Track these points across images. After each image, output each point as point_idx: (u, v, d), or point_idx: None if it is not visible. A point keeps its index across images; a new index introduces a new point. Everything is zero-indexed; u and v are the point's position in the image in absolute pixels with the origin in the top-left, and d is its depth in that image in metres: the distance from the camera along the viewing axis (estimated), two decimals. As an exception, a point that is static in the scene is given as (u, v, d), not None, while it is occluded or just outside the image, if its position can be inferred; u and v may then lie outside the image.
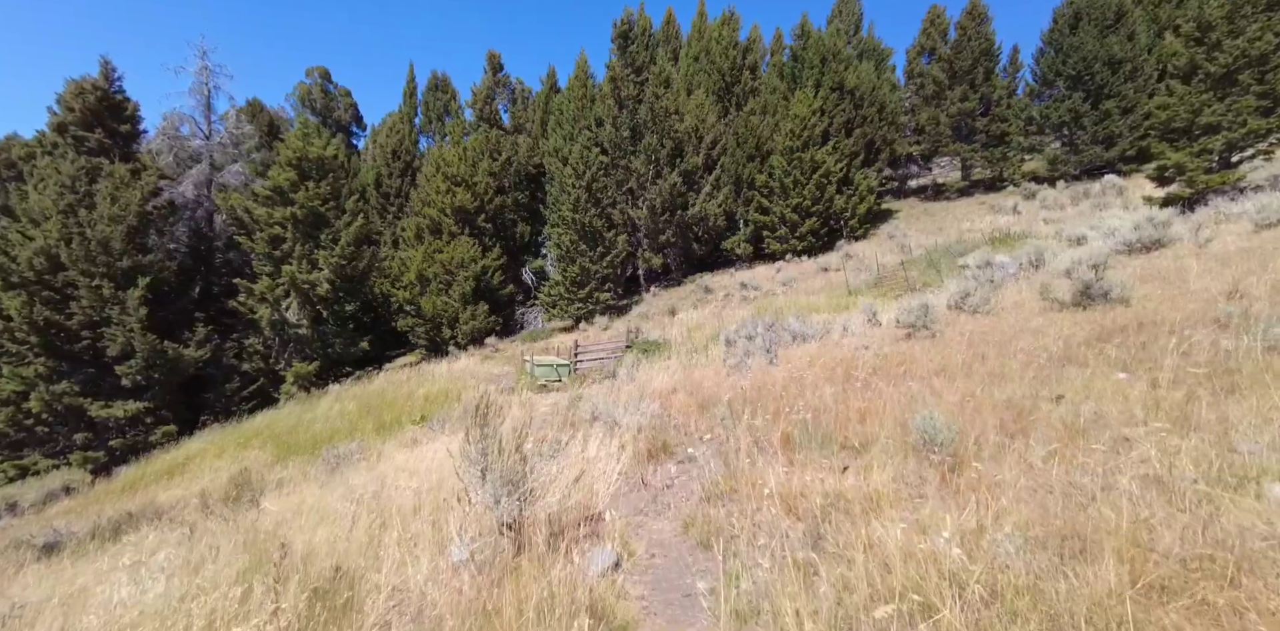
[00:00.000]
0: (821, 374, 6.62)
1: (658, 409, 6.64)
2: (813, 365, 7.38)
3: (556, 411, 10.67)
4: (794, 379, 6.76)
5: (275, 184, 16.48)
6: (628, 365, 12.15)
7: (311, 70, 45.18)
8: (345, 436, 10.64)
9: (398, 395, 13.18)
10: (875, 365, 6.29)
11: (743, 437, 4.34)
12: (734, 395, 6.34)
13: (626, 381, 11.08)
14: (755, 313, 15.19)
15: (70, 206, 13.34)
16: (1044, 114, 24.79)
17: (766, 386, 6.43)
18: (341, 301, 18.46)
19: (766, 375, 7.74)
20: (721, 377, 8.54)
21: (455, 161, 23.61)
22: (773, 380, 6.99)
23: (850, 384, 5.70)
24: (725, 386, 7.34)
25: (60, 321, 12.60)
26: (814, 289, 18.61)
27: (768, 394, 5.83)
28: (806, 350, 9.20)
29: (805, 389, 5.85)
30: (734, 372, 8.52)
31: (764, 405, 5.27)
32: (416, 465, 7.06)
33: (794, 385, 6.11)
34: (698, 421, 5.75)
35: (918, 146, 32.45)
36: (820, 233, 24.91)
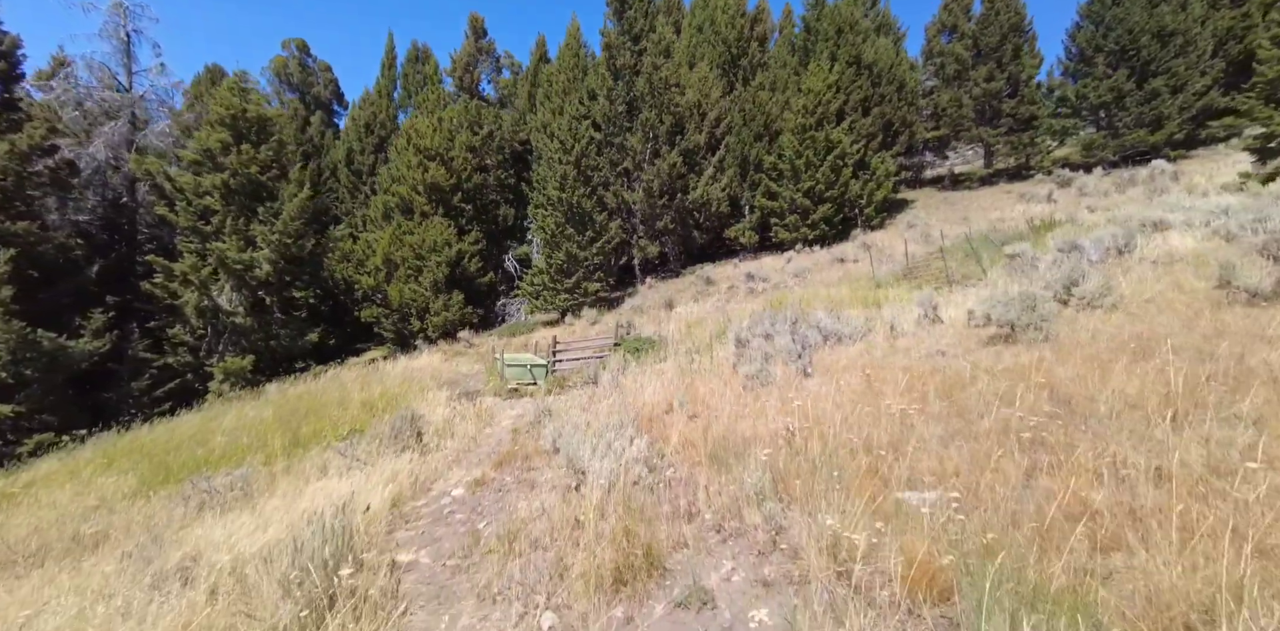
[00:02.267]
0: (900, 396, 4.30)
1: (645, 449, 4.30)
2: (873, 380, 5.06)
3: (516, 432, 8.34)
4: (852, 401, 4.44)
5: (203, 146, 13.96)
6: (614, 369, 9.83)
7: (288, 42, 42.17)
8: (244, 456, 8.27)
9: (330, 400, 10.81)
10: (992, 387, 3.96)
11: (824, 576, 2.00)
12: (769, 435, 4.01)
13: (610, 391, 8.75)
14: (768, 307, 12.88)
15: None
16: (1080, 94, 22.47)
17: (816, 417, 4.11)
18: (288, 286, 16.01)
19: (804, 392, 5.42)
20: (737, 392, 6.22)
21: (429, 133, 21.08)
22: (819, 403, 4.68)
23: (972, 420, 3.38)
24: (747, 412, 5.00)
25: None
26: (831, 281, 16.31)
27: (827, 435, 3.52)
28: (848, 355, 6.87)
29: (892, 426, 3.52)
30: (754, 385, 6.21)
31: (832, 465, 2.97)
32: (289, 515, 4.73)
33: (866, 418, 3.79)
34: (710, 485, 3.41)
35: (935, 132, 30.13)
36: (834, 220, 22.59)
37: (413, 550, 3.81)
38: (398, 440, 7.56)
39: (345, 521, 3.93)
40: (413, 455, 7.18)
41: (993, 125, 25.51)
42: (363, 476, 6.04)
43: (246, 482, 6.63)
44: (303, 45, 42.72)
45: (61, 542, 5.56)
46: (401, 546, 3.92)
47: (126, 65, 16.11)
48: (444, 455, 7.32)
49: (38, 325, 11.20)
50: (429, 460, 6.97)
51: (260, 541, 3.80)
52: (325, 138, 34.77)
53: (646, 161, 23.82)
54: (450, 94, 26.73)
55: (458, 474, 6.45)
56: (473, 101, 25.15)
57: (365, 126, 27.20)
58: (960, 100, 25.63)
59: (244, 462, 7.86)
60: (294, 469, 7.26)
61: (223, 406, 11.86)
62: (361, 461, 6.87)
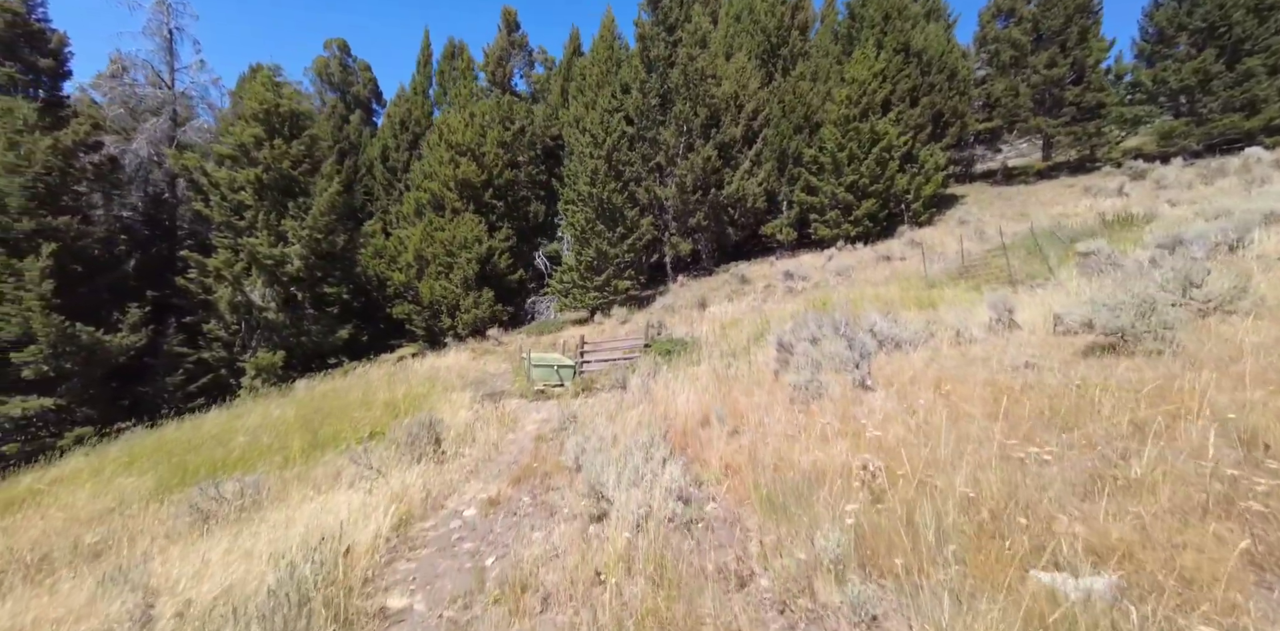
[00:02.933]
0: (993, 420, 3.51)
1: (679, 477, 3.64)
2: (953, 397, 4.26)
3: (539, 439, 7.80)
4: (932, 424, 3.68)
5: (238, 141, 14.00)
6: (643, 372, 9.20)
7: (330, 42, 43.07)
8: (263, 457, 8.00)
9: (353, 400, 10.54)
10: (1125, 415, 3.13)
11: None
12: (833, 467, 3.29)
13: (639, 398, 8.12)
14: (810, 307, 12.01)
15: None
16: (1158, 78, 20.55)
17: (891, 446, 3.37)
18: (320, 282, 15.98)
19: (864, 408, 4.67)
20: (783, 404, 5.49)
21: (461, 128, 20.88)
22: (888, 424, 3.93)
23: (1115, 462, 2.58)
24: (800, 432, 4.27)
25: None
26: (877, 280, 15.26)
27: (913, 473, 2.79)
28: (911, 364, 6.03)
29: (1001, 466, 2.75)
30: (803, 398, 5.47)
31: (933, 518, 2.25)
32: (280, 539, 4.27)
33: (958, 450, 3.04)
34: (764, 534, 2.72)
35: (987, 123, 28.33)
36: (878, 216, 21.37)
37: (408, 592, 3.26)
38: (414, 447, 7.12)
39: (337, 550, 3.42)
40: (429, 464, 6.73)
41: (1053, 115, 23.71)
42: (373, 488, 5.59)
43: (257, 489, 6.29)
44: (343, 45, 43.58)
45: (63, 552, 5.29)
46: (397, 585, 3.38)
47: (169, 62, 16.42)
48: (462, 464, 6.84)
49: (77, 319, 11.37)
50: (445, 470, 6.50)
51: (235, 575, 3.31)
52: (363, 136, 35.25)
53: (680, 156, 23.08)
54: (483, 89, 26.55)
55: (474, 488, 5.94)
56: (505, 96, 24.89)
57: (400, 123, 27.31)
58: (1016, 89, 23.92)
59: (260, 466, 7.57)
60: (307, 475, 6.91)
61: (249, 404, 11.77)
62: (375, 470, 6.44)
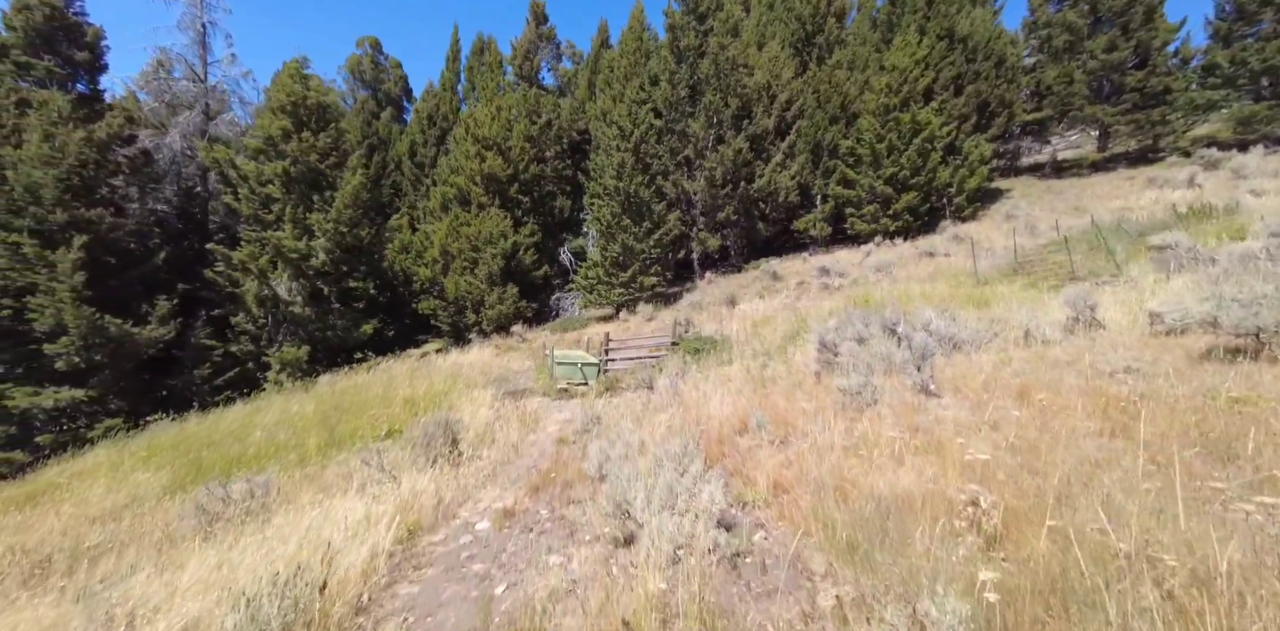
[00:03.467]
0: (1109, 438, 2.86)
1: (720, 497, 3.09)
2: (1045, 406, 3.60)
3: (562, 442, 7.34)
4: (1029, 443, 3.04)
5: (266, 133, 13.98)
6: (671, 372, 8.67)
7: (362, 40, 43.64)
8: (278, 454, 7.76)
9: (373, 397, 10.29)
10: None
11: None
12: (918, 494, 2.70)
13: (667, 399, 7.59)
14: (849, 304, 11.27)
15: None
16: (1237, 59, 18.92)
17: (987, 469, 2.76)
18: (345, 276, 15.91)
19: (928, 417, 4.04)
20: (832, 411, 4.88)
21: (487, 122, 20.63)
22: (970, 439, 3.31)
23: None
24: (857, 443, 3.67)
25: None
26: (919, 276, 14.37)
27: (1035, 511, 2.19)
28: (977, 367, 5.34)
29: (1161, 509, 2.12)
30: (854, 404, 4.85)
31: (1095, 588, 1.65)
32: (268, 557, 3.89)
33: (1083, 478, 2.42)
34: (837, 583, 2.16)
35: (1036, 113, 26.76)
36: (919, 211, 20.31)
37: (404, 627, 2.80)
38: (430, 448, 6.75)
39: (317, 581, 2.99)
40: (444, 467, 6.35)
41: (1111, 102, 22.16)
42: (381, 494, 5.21)
43: (266, 490, 5.99)
44: (375, 43, 44.11)
45: (64, 554, 5.06)
46: (393, 616, 2.93)
47: (202, 56, 16.60)
48: (479, 468, 6.44)
49: (109, 311, 11.45)
50: (461, 474, 6.09)
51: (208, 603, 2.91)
52: (392, 132, 35.57)
53: (709, 148, 22.39)
54: (510, 83, 26.33)
55: (489, 495, 5.51)
56: (532, 90, 24.59)
57: (428, 118, 27.32)
58: (1070, 75, 22.43)
59: (274, 464, 7.32)
60: (319, 476, 6.60)
61: (270, 399, 11.67)
62: (387, 473, 6.08)
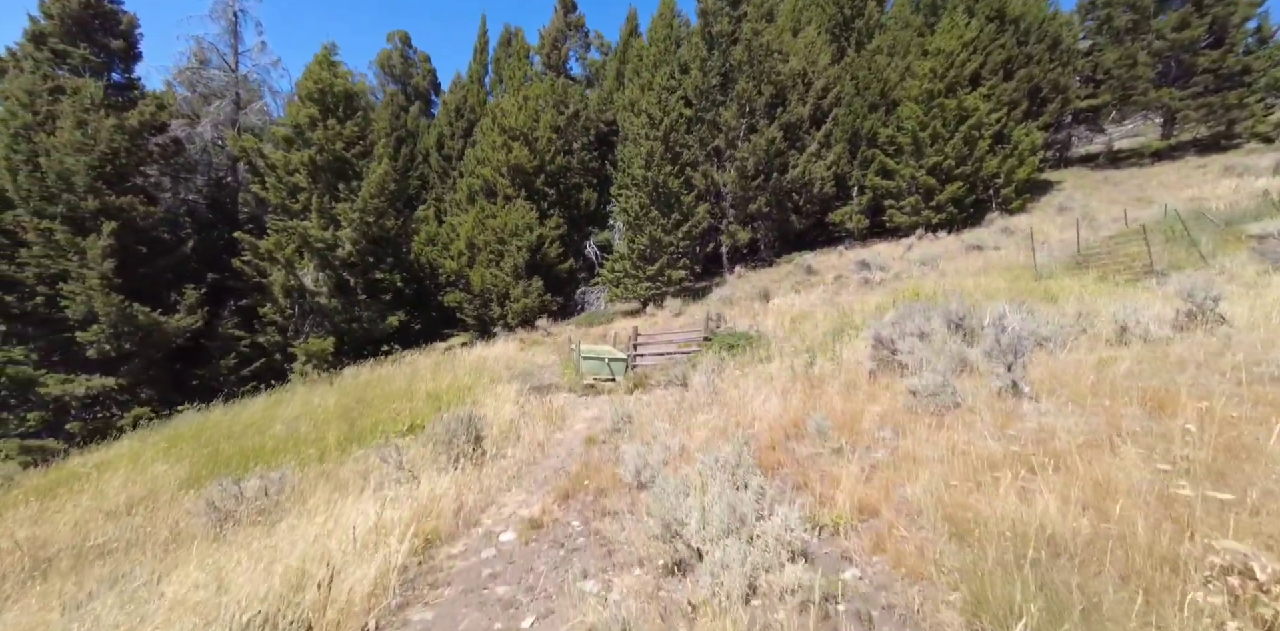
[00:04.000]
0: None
1: (793, 520, 2.53)
2: (1205, 417, 2.93)
3: (590, 441, 6.84)
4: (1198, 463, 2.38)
5: (293, 122, 13.85)
6: (706, 368, 8.09)
7: (393, 35, 43.91)
8: (297, 448, 7.46)
9: (396, 390, 9.98)
10: None
11: None
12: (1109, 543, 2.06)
13: (704, 397, 7.02)
14: (898, 299, 10.50)
15: (24, 129, 11.22)
16: (1322, 36, 17.29)
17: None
18: (371, 268, 15.74)
19: (1035, 426, 3.39)
20: (902, 414, 4.25)
21: (514, 112, 20.26)
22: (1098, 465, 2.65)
23: None
24: (953, 454, 3.05)
25: (9, 272, 10.54)
26: (969, 271, 13.44)
27: None
28: (1071, 366, 4.63)
29: None
30: (932, 407, 4.21)
31: None
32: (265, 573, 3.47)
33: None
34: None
35: (1091, 100, 25.14)
36: (964, 202, 19.21)
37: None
38: (452, 445, 6.32)
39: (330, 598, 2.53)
40: (466, 466, 5.91)
41: (1179, 86, 20.59)
42: (397, 496, 4.79)
43: (280, 488, 5.65)
44: (405, 37, 44.32)
45: (70, 552, 4.77)
46: (401, 656, 2.45)
47: (233, 45, 16.61)
48: (503, 468, 5.98)
49: (139, 300, 11.44)
50: (484, 475, 5.65)
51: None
52: (420, 126, 35.62)
53: (741, 138, 21.62)
54: (537, 73, 25.93)
55: (514, 500, 5.04)
56: (559, 79, 24.15)
57: (455, 110, 27.15)
58: (1134, 57, 20.92)
59: (292, 458, 7.01)
60: (336, 473, 6.24)
61: (293, 390, 11.50)
62: (406, 471, 5.67)
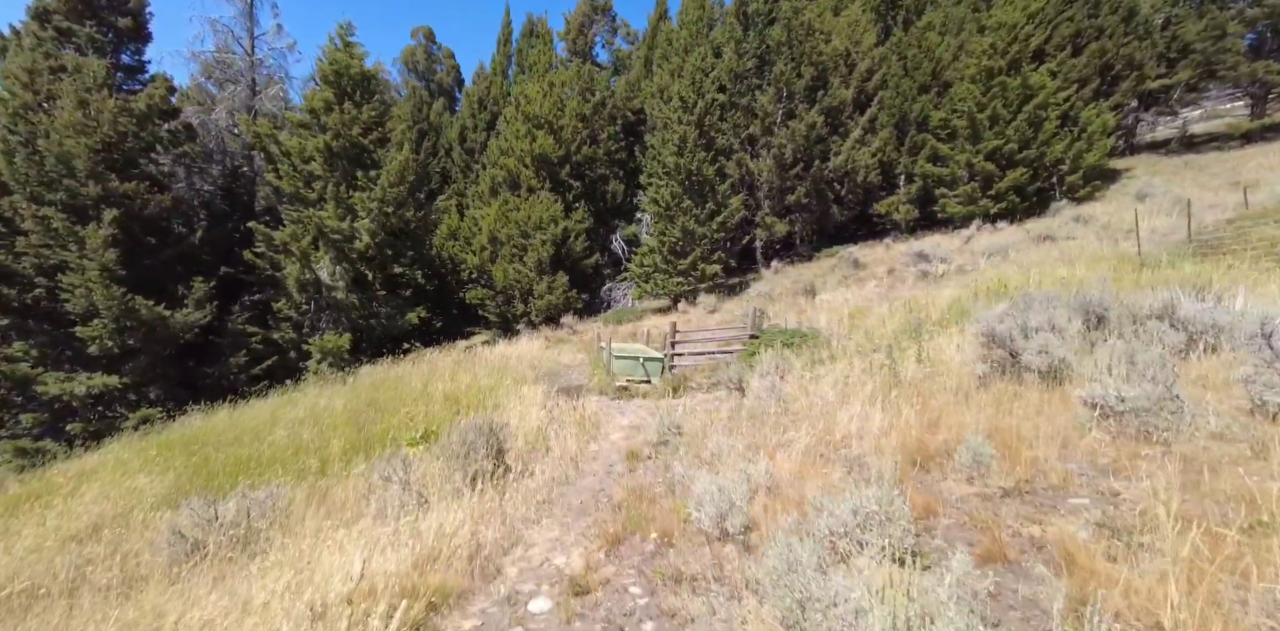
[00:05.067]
0: None
1: None
2: None
3: (633, 457, 5.74)
4: None
5: (309, 106, 13.12)
6: (767, 368, 6.91)
7: (416, 31, 43.69)
8: (295, 459, 6.54)
9: (411, 391, 9.04)
10: None
11: None
12: None
13: (767, 404, 5.86)
14: (979, 291, 9.14)
15: (23, 109, 10.65)
16: None
17: None
18: (390, 262, 14.96)
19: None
20: (1099, 439, 3.04)
21: (538, 98, 19.32)
22: None
23: None
24: None
25: (5, 262, 9.95)
26: (1047, 261, 11.91)
27: None
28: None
29: None
30: (1139, 428, 3.00)
31: None
32: None
33: None
34: None
35: (1164, 79, 23.04)
36: (1027, 190, 17.55)
37: None
38: (469, 460, 5.29)
39: None
40: (486, 487, 4.87)
41: (1277, 58, 18.52)
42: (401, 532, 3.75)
43: (265, 511, 4.69)
44: (429, 33, 44.02)
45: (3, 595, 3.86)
46: None
47: (249, 28, 16.03)
48: (530, 490, 4.92)
49: (144, 293, 10.77)
50: (507, 502, 4.60)
51: None
52: (444, 121, 35.12)
53: (778, 124, 20.29)
54: (563, 59, 24.97)
55: (545, 537, 3.96)
56: (585, 65, 23.14)
57: (478, 102, 26.40)
58: (1221, 28, 18.93)
59: (287, 471, 6.08)
60: (334, 492, 5.26)
61: (304, 391, 10.70)
62: (414, 494, 4.65)
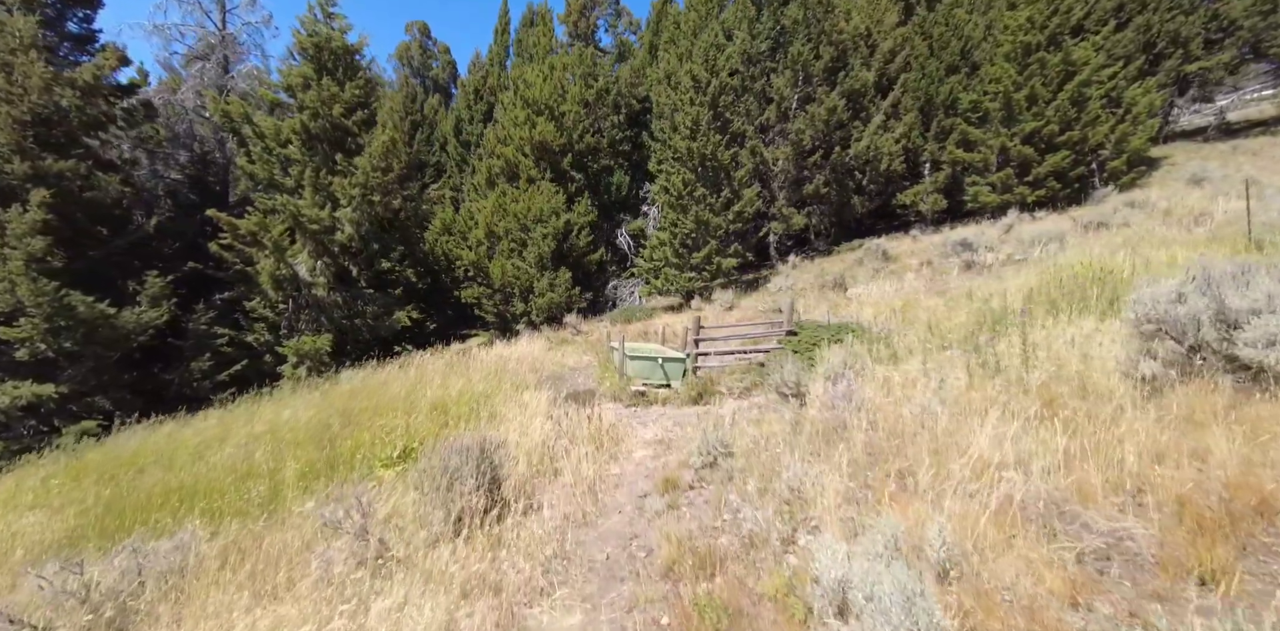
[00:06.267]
0: None
1: None
2: None
3: (669, 486, 4.38)
4: None
5: (286, 84, 11.82)
6: (831, 370, 5.56)
7: (411, 26, 42.53)
8: (236, 488, 5.17)
9: (393, 399, 7.68)
10: None
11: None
12: None
13: (845, 418, 4.52)
14: (1062, 277, 7.78)
15: None
16: None
17: None
18: (377, 256, 13.62)
19: None
20: None
21: (538, 82, 18.02)
22: None
23: None
24: None
25: None
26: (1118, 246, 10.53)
27: None
28: None
29: None
30: None
31: None
32: None
33: None
34: None
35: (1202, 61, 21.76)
36: (1068, 176, 16.22)
37: None
38: (452, 494, 3.92)
39: None
40: (474, 535, 3.51)
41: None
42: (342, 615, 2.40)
43: (162, 576, 3.33)
44: (424, 28, 42.87)
45: None
46: None
47: (220, 1, 14.68)
48: (536, 538, 3.55)
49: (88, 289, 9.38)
50: (505, 556, 3.24)
51: None
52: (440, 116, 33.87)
53: (794, 109, 18.98)
54: (564, 44, 23.69)
55: (562, 626, 2.61)
56: (588, 49, 21.85)
57: (474, 92, 25.13)
58: (1275, 1, 17.64)
59: (226, 505, 4.72)
60: (271, 542, 3.88)
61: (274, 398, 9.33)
62: (374, 543, 3.29)
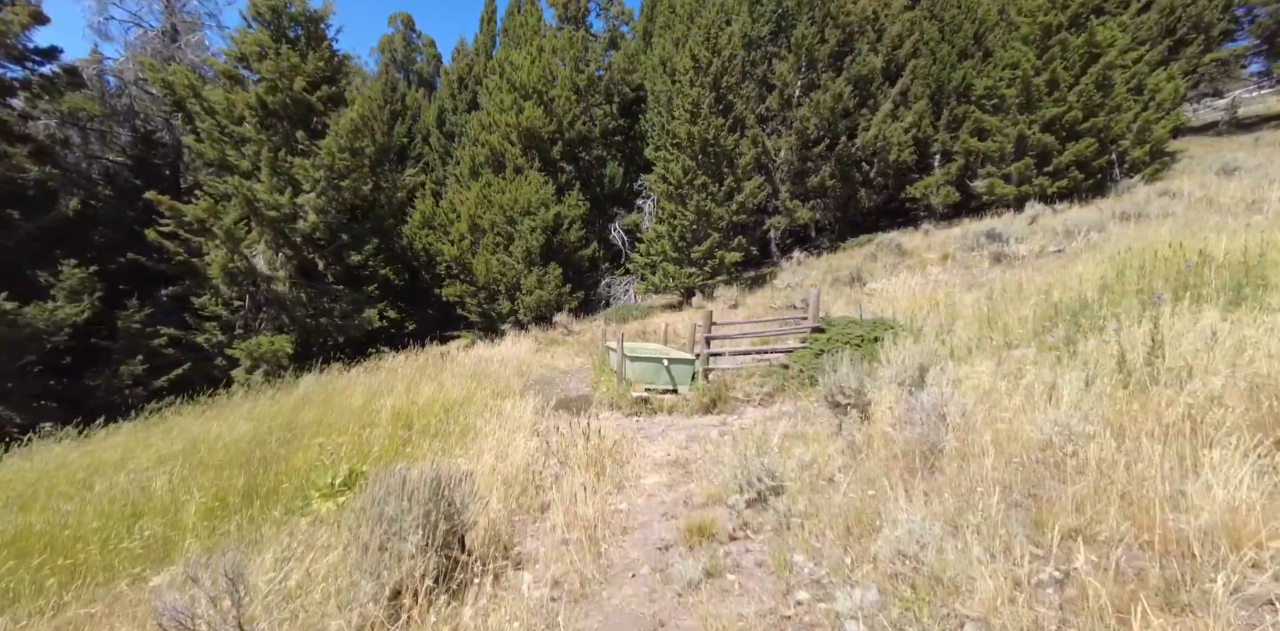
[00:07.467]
0: None
1: None
2: None
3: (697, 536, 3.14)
4: None
5: (239, 52, 10.45)
6: (902, 373, 4.40)
7: (394, 17, 41.14)
8: (120, 530, 3.85)
9: (345, 410, 6.36)
10: None
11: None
12: None
13: (939, 440, 3.35)
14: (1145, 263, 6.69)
15: None
16: None
17: None
18: (347, 248, 12.28)
19: None
20: None
21: (526, 65, 16.78)
22: None
23: None
24: None
25: None
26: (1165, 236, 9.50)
27: None
28: None
29: None
30: None
31: None
32: None
33: None
34: None
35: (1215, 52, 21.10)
36: (1091, 165, 15.28)
37: None
38: (386, 556, 2.63)
39: None
40: (415, 623, 2.25)
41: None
42: None
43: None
44: (408, 20, 41.47)
45: None
46: None
47: (167, -37, 13.35)
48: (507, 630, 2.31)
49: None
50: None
51: None
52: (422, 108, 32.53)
53: (798, 96, 17.93)
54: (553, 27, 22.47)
55: None
56: (578, 32, 20.67)
57: (458, 81, 23.83)
58: (1295, -16, 16.91)
59: (91, 564, 3.41)
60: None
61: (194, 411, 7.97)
62: None
